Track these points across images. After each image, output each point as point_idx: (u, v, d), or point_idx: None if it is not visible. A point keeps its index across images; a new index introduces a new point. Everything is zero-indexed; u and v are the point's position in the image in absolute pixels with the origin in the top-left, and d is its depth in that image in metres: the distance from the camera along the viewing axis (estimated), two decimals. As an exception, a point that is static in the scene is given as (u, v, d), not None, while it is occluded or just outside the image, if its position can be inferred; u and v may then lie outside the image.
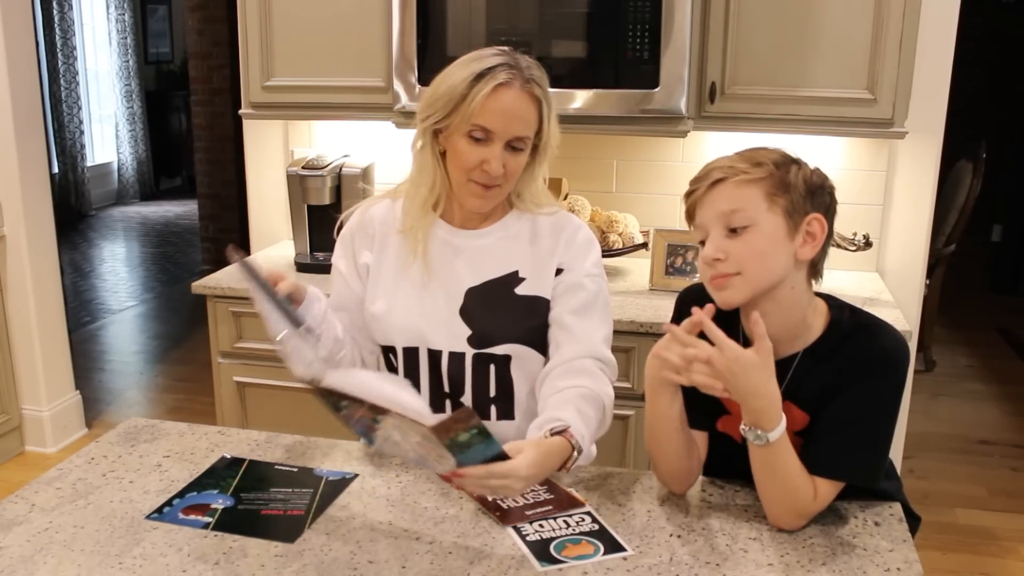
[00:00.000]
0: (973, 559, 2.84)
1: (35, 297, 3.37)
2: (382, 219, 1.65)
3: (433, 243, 1.60)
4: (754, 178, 1.32)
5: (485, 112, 1.46)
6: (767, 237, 1.31)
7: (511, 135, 1.49)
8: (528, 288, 1.59)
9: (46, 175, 3.44)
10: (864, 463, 1.35)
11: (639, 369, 2.30)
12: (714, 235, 1.34)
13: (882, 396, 1.35)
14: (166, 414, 3.92)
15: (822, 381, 1.36)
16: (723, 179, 1.33)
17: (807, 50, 2.34)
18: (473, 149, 1.49)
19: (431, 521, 1.37)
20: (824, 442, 1.35)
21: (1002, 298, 5.75)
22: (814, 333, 1.39)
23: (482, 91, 1.45)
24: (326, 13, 2.57)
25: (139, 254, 7.00)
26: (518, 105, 1.48)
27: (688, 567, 1.25)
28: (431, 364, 1.61)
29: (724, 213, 1.32)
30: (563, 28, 2.37)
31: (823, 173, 1.38)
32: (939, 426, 3.84)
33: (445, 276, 1.60)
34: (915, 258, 2.69)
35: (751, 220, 1.31)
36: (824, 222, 1.34)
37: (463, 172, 1.52)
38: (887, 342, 1.37)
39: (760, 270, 1.32)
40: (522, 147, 1.52)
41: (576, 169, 2.78)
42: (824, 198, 1.36)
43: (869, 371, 1.34)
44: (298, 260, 2.73)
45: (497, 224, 1.62)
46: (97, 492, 1.45)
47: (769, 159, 1.34)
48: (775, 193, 1.32)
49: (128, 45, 8.40)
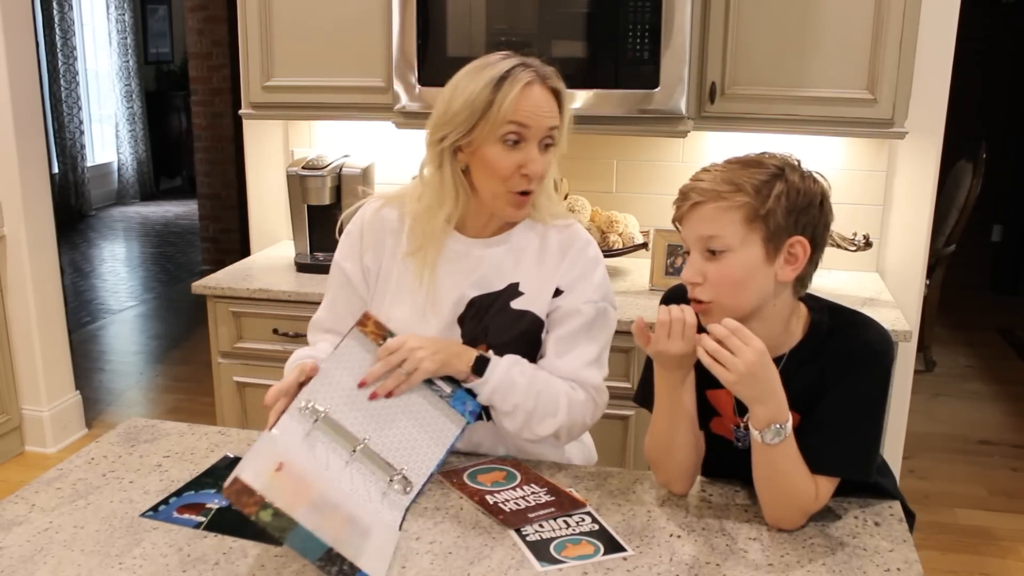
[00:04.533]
0: (973, 559, 2.84)
1: (35, 297, 3.37)
2: (393, 223, 1.61)
3: (443, 254, 1.57)
4: (732, 205, 1.30)
5: (519, 111, 1.43)
6: (743, 265, 1.31)
7: (545, 129, 1.47)
8: (523, 303, 1.57)
9: (46, 175, 3.44)
10: (855, 457, 1.35)
11: (639, 369, 2.30)
12: (694, 256, 1.35)
13: (868, 390, 1.35)
14: (166, 414, 3.92)
15: (808, 381, 1.36)
16: (703, 202, 1.32)
17: (807, 50, 2.34)
18: (508, 154, 1.46)
19: (431, 521, 1.37)
20: (814, 439, 1.35)
21: (1002, 298, 5.76)
22: (796, 336, 1.40)
23: (512, 91, 1.43)
24: (326, 13, 2.57)
25: (139, 254, 7.00)
26: (546, 99, 1.47)
27: (688, 567, 1.25)
28: None
29: (703, 237, 1.33)
30: (563, 28, 2.37)
31: (815, 186, 1.33)
32: (939, 426, 3.84)
33: (451, 286, 1.57)
34: (915, 258, 2.70)
35: (728, 246, 1.31)
36: (807, 244, 1.32)
37: (500, 182, 1.47)
38: (868, 336, 1.37)
39: (735, 300, 1.33)
40: (552, 143, 1.50)
41: (576, 169, 2.78)
42: (811, 217, 1.32)
43: (853, 366, 1.35)
44: (298, 260, 2.73)
45: (508, 234, 1.59)
46: (97, 492, 1.45)
47: (752, 182, 1.30)
48: (754, 220, 1.30)
49: (128, 45, 8.40)
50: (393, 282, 1.59)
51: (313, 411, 1.39)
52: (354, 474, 1.37)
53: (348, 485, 1.35)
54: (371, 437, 1.41)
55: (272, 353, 2.55)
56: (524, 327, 1.56)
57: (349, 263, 1.62)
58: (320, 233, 2.73)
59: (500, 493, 1.44)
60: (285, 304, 2.51)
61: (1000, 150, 5.39)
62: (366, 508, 1.33)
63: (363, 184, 2.71)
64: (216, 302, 2.57)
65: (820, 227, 1.34)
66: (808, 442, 1.34)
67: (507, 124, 1.44)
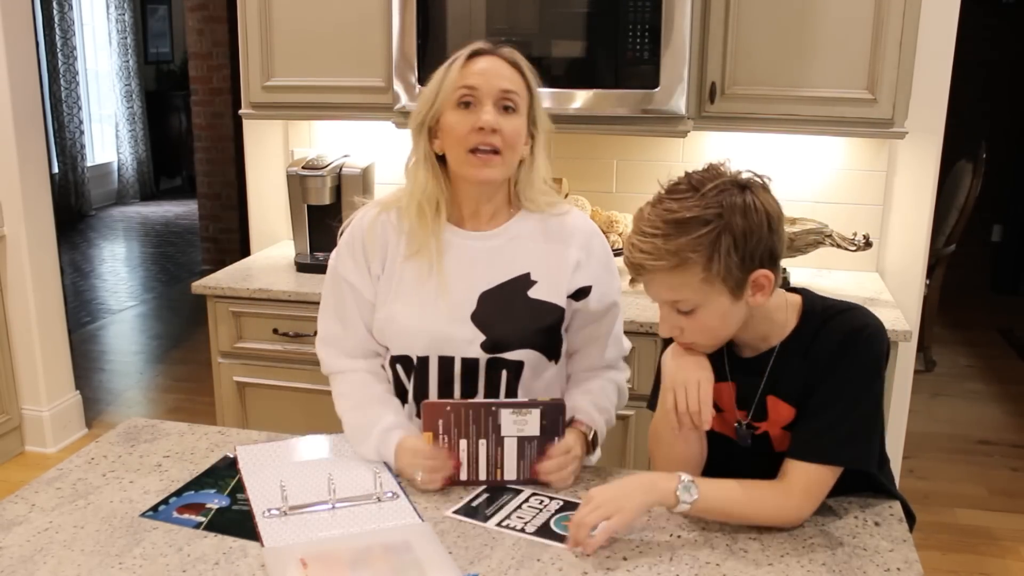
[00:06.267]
0: (973, 559, 2.84)
1: (35, 297, 3.37)
2: (392, 225, 1.61)
3: (445, 249, 1.58)
4: (686, 274, 1.28)
5: (466, 74, 1.50)
6: (714, 314, 1.33)
7: (497, 89, 1.50)
8: (540, 292, 1.58)
9: (46, 175, 3.44)
10: (852, 445, 1.35)
11: (639, 369, 2.30)
12: (665, 313, 1.37)
13: (861, 376, 1.35)
14: (166, 414, 3.92)
15: (802, 373, 1.37)
16: (656, 272, 1.30)
17: (807, 50, 2.34)
18: (464, 116, 1.50)
19: (431, 521, 1.37)
20: (809, 428, 1.35)
21: (1002, 298, 5.76)
22: (787, 327, 1.40)
23: (459, 60, 1.52)
24: (326, 13, 2.57)
25: (139, 254, 7.00)
26: (497, 65, 1.52)
27: (688, 567, 1.25)
28: (441, 371, 1.58)
29: (668, 301, 1.34)
30: (563, 28, 2.37)
31: (758, 216, 1.28)
32: (939, 426, 3.84)
33: (458, 282, 1.57)
34: (915, 258, 2.69)
35: (695, 304, 1.32)
36: (768, 273, 1.31)
37: (460, 145, 1.51)
38: (857, 323, 1.37)
39: (715, 340, 1.38)
40: (512, 107, 1.51)
41: (576, 169, 2.78)
42: (764, 245, 1.28)
43: (844, 353, 1.35)
44: (298, 260, 2.73)
45: (506, 225, 1.60)
46: (97, 492, 1.45)
47: (696, 249, 1.25)
48: (710, 280, 1.28)
49: (128, 45, 8.40)
50: (398, 283, 1.59)
51: (277, 512, 1.39)
52: (348, 512, 1.39)
53: (354, 525, 1.36)
54: (336, 485, 1.44)
55: (272, 353, 2.55)
56: (548, 321, 1.58)
57: (355, 275, 1.61)
58: (320, 233, 2.73)
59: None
60: (285, 304, 2.51)
61: (1000, 150, 5.39)
62: (383, 527, 1.35)
63: (363, 183, 2.71)
64: (216, 302, 2.57)
65: (777, 245, 1.32)
66: (802, 431, 1.35)
67: (458, 89, 1.50)
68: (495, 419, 1.45)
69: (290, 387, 2.55)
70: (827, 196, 2.68)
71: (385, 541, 1.30)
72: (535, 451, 1.46)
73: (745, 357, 1.43)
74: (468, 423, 1.45)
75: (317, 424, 1.80)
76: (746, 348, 1.43)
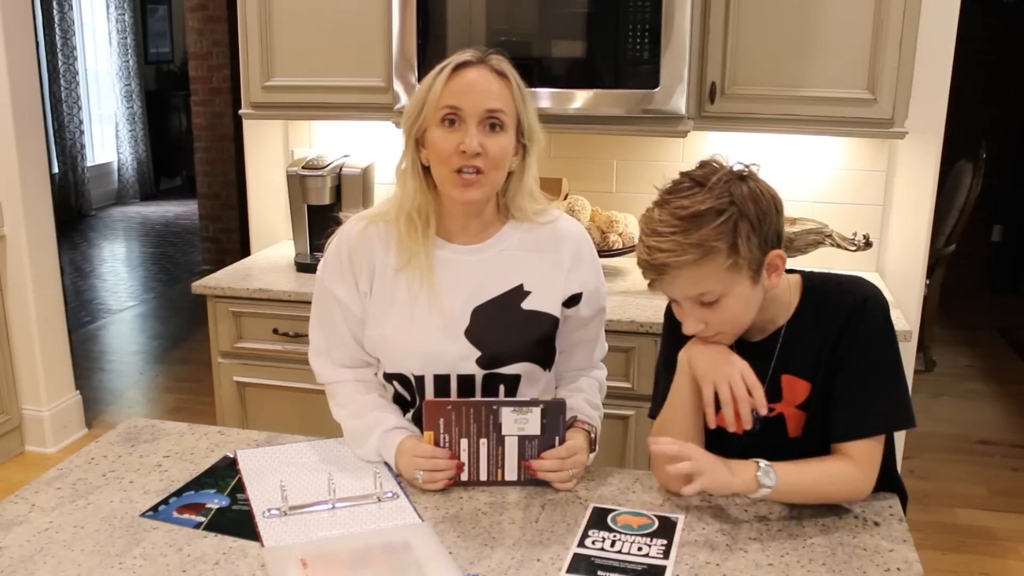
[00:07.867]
0: (973, 559, 2.84)
1: (35, 297, 3.37)
2: (380, 238, 1.58)
3: (436, 266, 1.55)
4: (711, 265, 1.30)
5: (449, 92, 1.46)
6: (738, 301, 1.35)
7: (481, 109, 1.46)
8: (535, 303, 1.57)
9: (46, 175, 3.44)
10: (897, 410, 1.40)
11: (639, 369, 2.30)
12: (688, 308, 1.38)
13: (881, 341, 1.39)
14: (166, 414, 3.92)
15: (813, 348, 1.41)
16: (680, 270, 1.31)
17: (807, 50, 2.34)
18: (447, 135, 1.46)
19: (431, 521, 1.37)
20: (848, 408, 1.38)
21: (1002, 298, 5.75)
22: (791, 306, 1.44)
23: (444, 72, 1.47)
24: (326, 13, 2.57)
25: (139, 254, 7.00)
26: (482, 80, 1.47)
27: (688, 567, 1.25)
28: (438, 389, 1.56)
29: (692, 296, 1.35)
30: (563, 28, 2.37)
31: (765, 199, 1.33)
32: (939, 426, 3.84)
33: (450, 299, 1.55)
34: (915, 258, 2.69)
35: (720, 294, 1.34)
36: (783, 255, 1.37)
37: (444, 164, 1.47)
38: (860, 293, 1.41)
39: (738, 328, 1.41)
40: (499, 124, 1.47)
41: (576, 169, 2.78)
42: (774, 228, 1.35)
43: (858, 323, 1.38)
44: (298, 260, 2.73)
45: (495, 237, 1.58)
46: (97, 492, 1.45)
47: (719, 237, 1.29)
48: (734, 266, 1.31)
49: (128, 45, 8.40)
50: (390, 300, 1.57)
51: (277, 512, 1.39)
52: (348, 512, 1.39)
53: (354, 525, 1.36)
54: (336, 486, 1.44)
55: (272, 353, 2.55)
56: (543, 331, 1.58)
57: (341, 289, 1.59)
58: (320, 233, 2.73)
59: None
60: (285, 304, 2.51)
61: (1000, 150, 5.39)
62: (383, 527, 1.35)
63: (363, 183, 2.72)
64: (216, 302, 2.57)
65: (783, 226, 1.39)
66: (841, 412, 1.38)
67: (442, 108, 1.46)
68: (496, 418, 1.45)
69: (290, 387, 2.55)
70: (827, 196, 2.68)
71: (385, 541, 1.31)
72: (536, 450, 1.46)
73: (754, 341, 1.46)
74: (469, 422, 1.45)
75: (317, 424, 1.80)
76: (755, 331, 1.45)
